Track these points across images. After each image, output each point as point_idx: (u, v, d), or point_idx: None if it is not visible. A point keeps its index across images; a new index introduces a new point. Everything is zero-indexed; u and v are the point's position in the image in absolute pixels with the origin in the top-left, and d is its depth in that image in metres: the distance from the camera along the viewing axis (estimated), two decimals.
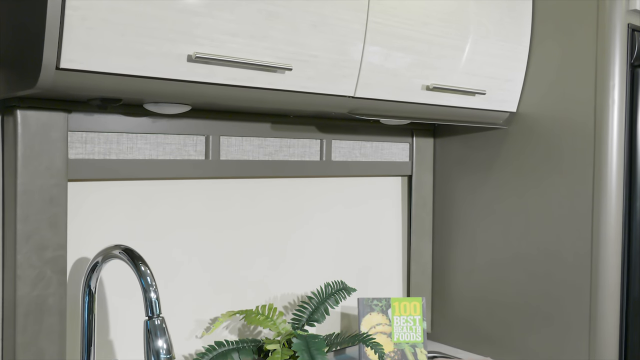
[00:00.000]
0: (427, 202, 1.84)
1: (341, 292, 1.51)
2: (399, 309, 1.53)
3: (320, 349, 1.22)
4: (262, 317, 1.39)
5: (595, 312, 1.48)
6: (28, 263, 1.12)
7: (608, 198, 1.46)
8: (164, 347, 1.07)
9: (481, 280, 1.73)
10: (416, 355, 1.51)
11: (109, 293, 1.30)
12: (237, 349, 1.32)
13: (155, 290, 1.07)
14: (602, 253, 1.47)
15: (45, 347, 1.15)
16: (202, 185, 1.42)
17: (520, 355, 1.63)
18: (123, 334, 1.32)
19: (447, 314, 1.82)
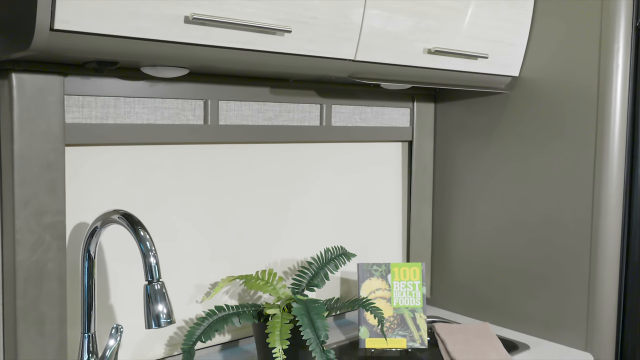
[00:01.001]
0: (427, 167, 1.83)
1: (341, 258, 1.51)
2: (399, 274, 1.53)
3: (320, 314, 1.23)
4: (262, 282, 1.39)
5: (595, 277, 1.48)
6: (27, 228, 1.12)
7: (610, 163, 1.45)
8: (164, 312, 1.07)
9: (481, 245, 1.73)
10: (415, 320, 1.52)
11: (108, 258, 1.30)
12: (237, 314, 1.32)
13: (155, 255, 1.07)
14: (602, 219, 1.46)
15: (46, 312, 1.15)
16: (201, 151, 1.41)
17: (519, 320, 1.64)
18: (123, 299, 1.32)
19: (447, 279, 1.83)
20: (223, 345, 1.50)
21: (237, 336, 1.50)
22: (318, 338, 1.19)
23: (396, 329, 1.51)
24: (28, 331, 1.14)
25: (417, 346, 1.50)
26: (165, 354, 1.38)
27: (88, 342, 1.17)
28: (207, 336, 1.28)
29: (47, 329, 1.16)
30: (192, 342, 1.29)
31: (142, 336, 1.35)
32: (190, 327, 1.31)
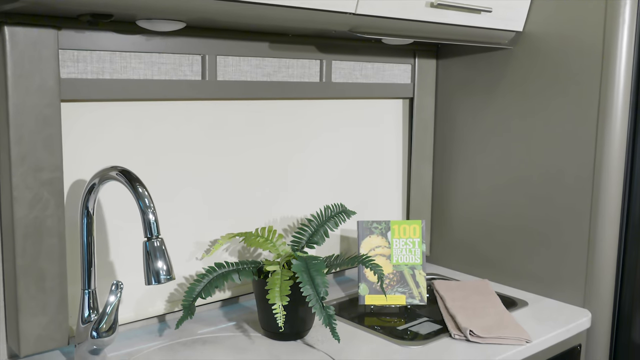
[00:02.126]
0: (428, 125, 1.81)
1: (341, 215, 1.50)
2: (399, 232, 1.53)
3: (319, 270, 1.23)
4: (262, 239, 1.39)
5: (594, 235, 1.48)
6: (24, 185, 1.11)
7: (613, 121, 1.43)
8: (164, 268, 1.07)
9: (481, 203, 1.72)
10: (415, 277, 1.52)
11: (107, 215, 1.29)
12: (237, 270, 1.32)
13: (154, 212, 1.06)
14: (603, 176, 1.45)
15: (46, 268, 1.15)
16: (199, 107, 1.39)
17: (518, 277, 1.65)
18: (123, 256, 1.32)
19: (446, 237, 1.83)
20: (223, 301, 1.51)
21: (237, 293, 1.51)
22: (318, 294, 1.19)
23: (395, 286, 1.52)
24: (28, 287, 1.14)
25: (416, 303, 1.51)
26: (166, 310, 1.39)
27: (88, 299, 1.17)
28: (207, 293, 1.29)
29: (47, 285, 1.16)
30: (192, 299, 1.29)
31: (143, 293, 1.36)
32: (191, 283, 1.31)
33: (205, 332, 1.34)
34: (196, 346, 1.28)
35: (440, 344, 1.30)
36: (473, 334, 1.31)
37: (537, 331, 1.37)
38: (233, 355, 1.24)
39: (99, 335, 1.13)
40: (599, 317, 1.50)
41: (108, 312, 1.13)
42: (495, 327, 1.34)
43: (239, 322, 1.41)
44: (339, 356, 1.23)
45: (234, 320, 1.42)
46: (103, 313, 1.14)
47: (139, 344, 1.28)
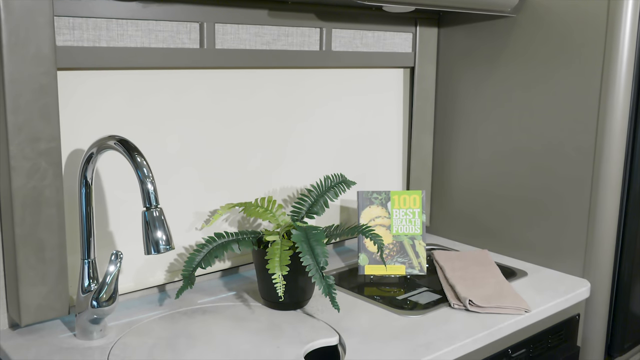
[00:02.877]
0: (429, 95, 1.80)
1: (341, 185, 1.50)
2: (399, 202, 1.53)
3: (319, 240, 1.23)
4: (262, 210, 1.39)
5: (595, 205, 1.48)
6: (22, 155, 1.10)
7: (616, 92, 1.42)
8: (163, 238, 1.06)
9: (482, 174, 1.72)
10: (415, 247, 1.52)
11: (106, 185, 1.28)
12: (236, 240, 1.32)
13: (152, 182, 1.06)
14: (605, 147, 1.44)
15: (45, 238, 1.15)
16: (197, 76, 1.37)
17: (518, 247, 1.65)
18: (123, 226, 1.32)
19: (447, 208, 1.83)
20: (223, 272, 1.51)
21: (237, 263, 1.51)
22: (318, 264, 1.19)
23: (395, 256, 1.52)
24: (28, 257, 1.14)
25: (416, 273, 1.52)
26: (166, 280, 1.40)
27: (88, 268, 1.17)
28: (207, 262, 1.29)
29: (47, 255, 1.16)
30: (192, 269, 1.29)
31: (142, 263, 1.36)
32: (190, 253, 1.31)
33: (206, 302, 1.35)
34: (196, 315, 1.28)
35: (439, 314, 1.30)
36: (472, 303, 1.31)
37: (536, 301, 1.37)
38: (233, 324, 1.24)
39: (99, 304, 1.14)
40: (598, 287, 1.50)
41: (108, 282, 1.14)
42: (494, 296, 1.35)
43: (239, 292, 1.41)
44: (338, 325, 1.23)
45: (234, 290, 1.43)
46: (103, 283, 1.14)
47: (139, 314, 1.29)
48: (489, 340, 1.24)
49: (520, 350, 1.34)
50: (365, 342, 1.16)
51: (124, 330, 1.21)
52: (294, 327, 1.23)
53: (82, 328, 1.17)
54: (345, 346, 1.15)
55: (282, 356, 1.11)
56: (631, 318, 1.57)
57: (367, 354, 1.12)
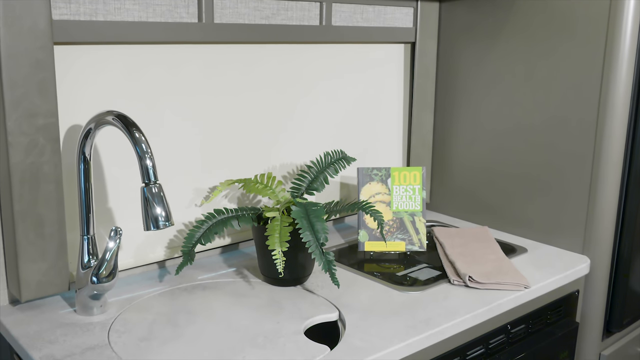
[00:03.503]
0: (430, 70, 1.78)
1: (341, 162, 1.49)
2: (399, 179, 1.52)
3: (319, 216, 1.22)
4: (261, 186, 1.38)
5: (596, 182, 1.47)
6: (19, 130, 1.09)
7: (619, 66, 1.40)
8: (163, 215, 1.06)
9: (482, 150, 1.71)
10: (415, 223, 1.52)
11: (105, 161, 1.28)
12: (236, 217, 1.32)
13: (151, 158, 1.05)
14: (607, 122, 1.43)
15: (44, 214, 1.15)
16: (196, 51, 1.36)
17: (518, 224, 1.65)
18: (122, 202, 1.32)
19: (447, 184, 1.82)
20: (223, 248, 1.51)
21: (237, 239, 1.51)
22: (317, 240, 1.19)
23: (395, 233, 1.52)
24: (27, 233, 1.14)
25: (415, 249, 1.52)
26: (166, 256, 1.40)
27: (88, 244, 1.17)
28: (206, 239, 1.29)
29: (46, 231, 1.16)
30: (192, 245, 1.29)
31: (142, 239, 1.36)
32: (190, 230, 1.31)
33: (205, 278, 1.35)
34: (196, 292, 1.28)
35: (439, 290, 1.30)
36: (472, 279, 1.31)
37: (535, 277, 1.37)
38: (233, 300, 1.24)
39: (99, 280, 1.14)
40: (598, 263, 1.51)
41: (107, 259, 1.13)
42: (494, 273, 1.35)
43: (239, 268, 1.42)
44: (338, 301, 1.24)
45: (233, 266, 1.43)
46: (102, 259, 1.14)
47: (140, 290, 1.29)
48: (489, 316, 1.24)
49: (520, 326, 1.35)
50: (365, 318, 1.17)
51: (125, 306, 1.21)
52: (293, 303, 1.23)
53: (82, 304, 1.17)
54: (345, 322, 1.16)
55: (282, 332, 1.11)
56: (630, 294, 1.57)
57: (367, 330, 1.12)
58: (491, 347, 1.29)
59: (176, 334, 1.11)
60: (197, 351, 1.04)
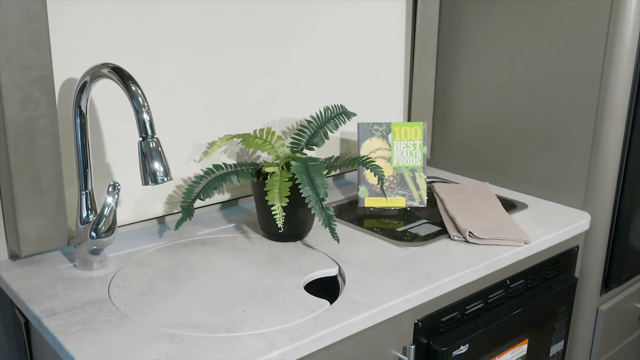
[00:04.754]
0: (432, 24, 1.74)
1: (341, 117, 1.47)
2: (400, 134, 1.51)
3: (319, 172, 1.21)
4: (261, 141, 1.37)
5: (599, 137, 1.45)
6: (13, 83, 1.07)
7: (626, 18, 1.37)
8: (161, 170, 1.05)
9: (485, 105, 1.68)
10: (415, 179, 1.51)
11: (102, 116, 1.26)
12: (235, 172, 1.31)
13: (148, 111, 1.03)
14: (612, 77, 1.41)
15: (41, 169, 1.14)
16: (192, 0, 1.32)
17: (519, 180, 1.64)
18: (120, 157, 1.30)
19: (448, 140, 1.80)
20: (222, 204, 1.50)
21: (236, 195, 1.50)
22: (317, 195, 1.18)
23: (395, 189, 1.51)
24: (24, 188, 1.13)
25: (416, 205, 1.51)
26: (165, 212, 1.39)
27: (86, 200, 1.16)
28: (205, 194, 1.28)
29: (43, 186, 1.15)
30: (191, 200, 1.29)
31: (141, 194, 1.35)
32: (189, 185, 1.30)
33: (205, 234, 1.35)
34: (196, 247, 1.28)
35: (439, 245, 1.30)
36: (472, 235, 1.31)
37: (536, 233, 1.37)
38: (233, 255, 1.24)
39: (98, 235, 1.13)
40: (598, 219, 1.50)
41: (106, 214, 1.13)
42: (494, 228, 1.34)
43: (239, 223, 1.41)
44: (338, 257, 1.24)
45: (233, 222, 1.42)
46: (101, 214, 1.13)
47: (139, 245, 1.29)
48: (488, 271, 1.24)
49: (519, 281, 1.35)
50: (365, 273, 1.17)
51: (124, 261, 1.21)
52: (293, 258, 1.23)
53: (82, 259, 1.17)
54: (345, 277, 1.16)
55: (282, 286, 1.12)
56: (630, 250, 1.57)
57: (366, 285, 1.12)
58: (490, 301, 1.30)
59: (176, 288, 1.11)
60: (197, 305, 1.05)
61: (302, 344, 0.95)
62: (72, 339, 0.94)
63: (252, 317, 1.01)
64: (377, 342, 1.07)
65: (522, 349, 1.37)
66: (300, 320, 1.00)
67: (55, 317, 1.00)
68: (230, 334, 0.96)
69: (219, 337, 0.95)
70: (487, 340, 1.27)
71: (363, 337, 1.05)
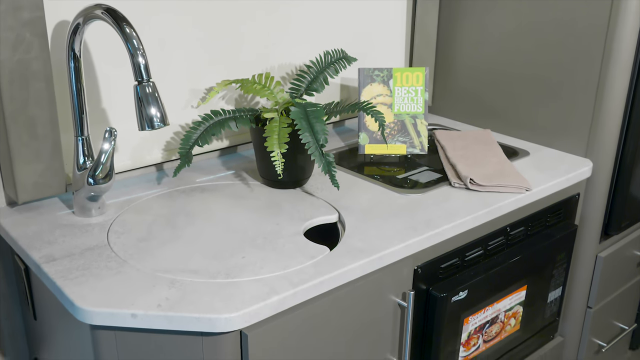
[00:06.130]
0: None
1: (341, 62, 1.44)
2: (401, 80, 1.48)
3: (319, 117, 1.19)
4: (259, 86, 1.34)
5: (604, 84, 1.43)
6: (4, 25, 1.04)
7: None
8: (158, 115, 1.03)
9: (488, 51, 1.65)
10: (416, 126, 1.49)
11: (97, 60, 1.23)
12: (234, 118, 1.29)
13: (143, 55, 1.00)
14: (619, 22, 1.37)
15: (36, 114, 1.12)
16: None
17: (522, 127, 1.62)
18: (116, 103, 1.28)
19: (450, 87, 1.77)
20: (221, 151, 1.49)
21: (235, 142, 1.49)
22: (317, 142, 1.16)
23: (396, 135, 1.49)
24: (20, 134, 1.11)
25: (416, 152, 1.49)
26: (163, 158, 1.38)
27: (82, 145, 1.14)
28: (204, 140, 1.26)
29: (39, 132, 1.13)
30: (189, 146, 1.27)
31: (138, 141, 1.33)
32: (187, 131, 1.28)
33: (204, 181, 1.34)
34: (195, 194, 1.27)
35: (439, 192, 1.29)
36: (473, 182, 1.30)
37: (537, 179, 1.36)
38: (232, 202, 1.23)
39: (96, 182, 1.12)
40: (600, 167, 1.49)
41: (103, 160, 1.11)
42: (495, 175, 1.33)
43: (238, 170, 1.40)
44: (338, 204, 1.23)
45: (232, 169, 1.41)
46: (98, 160, 1.11)
47: (137, 192, 1.28)
48: (488, 218, 1.24)
49: (519, 228, 1.35)
50: (365, 220, 1.16)
51: (123, 208, 1.21)
52: (293, 205, 1.23)
53: (80, 205, 1.16)
54: (345, 223, 1.15)
55: (282, 233, 1.11)
56: (631, 198, 1.57)
57: (366, 231, 1.12)
58: (490, 248, 1.30)
59: (175, 235, 1.10)
60: (197, 251, 1.04)
61: (302, 289, 0.95)
62: (71, 285, 0.94)
63: (252, 263, 1.01)
64: (376, 288, 1.08)
65: (520, 295, 1.38)
66: (300, 266, 1.00)
67: (55, 263, 1.00)
68: (230, 280, 0.96)
69: (219, 282, 0.95)
70: (486, 286, 1.27)
71: (363, 283, 1.05)
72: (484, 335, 1.33)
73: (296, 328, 0.97)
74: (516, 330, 1.42)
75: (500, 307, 1.34)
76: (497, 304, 1.33)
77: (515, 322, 1.41)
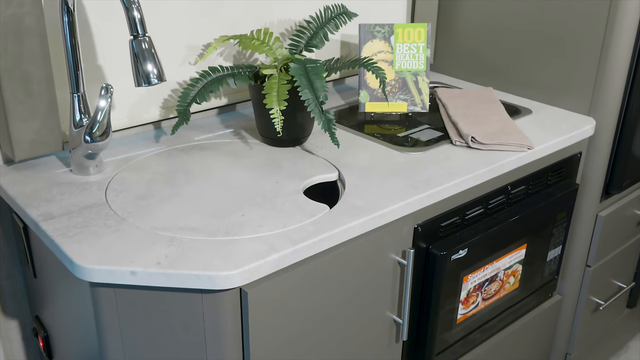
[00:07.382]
0: None
1: (341, 17, 1.41)
2: (402, 36, 1.45)
3: (319, 74, 1.17)
4: (258, 42, 1.31)
5: (609, 40, 1.40)
6: None
7: None
8: (154, 71, 1.01)
9: (492, 7, 1.61)
10: (417, 83, 1.47)
11: (91, 15, 1.20)
12: (232, 75, 1.26)
13: (139, 8, 0.98)
14: None
15: (30, 71, 1.09)
16: None
17: (525, 85, 1.60)
18: (112, 59, 1.26)
19: (452, 44, 1.74)
20: (220, 109, 1.47)
21: (233, 100, 1.47)
22: (317, 99, 1.14)
23: (397, 93, 1.47)
24: (15, 91, 1.09)
25: (417, 110, 1.47)
26: (161, 116, 1.36)
27: (78, 102, 1.12)
28: (202, 97, 1.24)
29: (34, 89, 1.11)
30: (187, 104, 1.25)
31: (136, 98, 1.31)
32: (184, 88, 1.26)
33: (202, 139, 1.32)
34: (193, 152, 1.26)
35: (440, 150, 1.28)
36: (474, 140, 1.29)
37: (539, 138, 1.35)
38: (231, 160, 1.22)
39: (93, 139, 1.11)
40: (603, 125, 1.47)
41: (100, 118, 1.10)
42: (497, 133, 1.32)
43: (237, 129, 1.38)
44: (338, 162, 1.22)
45: (231, 127, 1.39)
46: (94, 118, 1.10)
47: (135, 150, 1.27)
48: (489, 176, 1.23)
49: (520, 187, 1.34)
50: (365, 178, 1.15)
51: (121, 166, 1.20)
52: (292, 163, 1.21)
53: (77, 163, 1.15)
54: (345, 182, 1.14)
55: (281, 191, 1.10)
56: (633, 157, 1.55)
57: (366, 189, 1.11)
58: (490, 207, 1.29)
59: (174, 193, 1.09)
60: (196, 209, 1.04)
61: (302, 247, 0.94)
62: (70, 242, 0.93)
63: (251, 221, 1.00)
64: (376, 246, 1.07)
65: (520, 253, 1.38)
66: (300, 224, 0.99)
67: (53, 221, 0.99)
68: (230, 237, 0.95)
69: (218, 240, 0.95)
70: (486, 245, 1.27)
71: (362, 241, 1.04)
72: (483, 293, 1.34)
73: (296, 286, 0.97)
74: (515, 288, 1.43)
75: (499, 266, 1.34)
76: (497, 262, 1.33)
77: (515, 280, 1.41)
